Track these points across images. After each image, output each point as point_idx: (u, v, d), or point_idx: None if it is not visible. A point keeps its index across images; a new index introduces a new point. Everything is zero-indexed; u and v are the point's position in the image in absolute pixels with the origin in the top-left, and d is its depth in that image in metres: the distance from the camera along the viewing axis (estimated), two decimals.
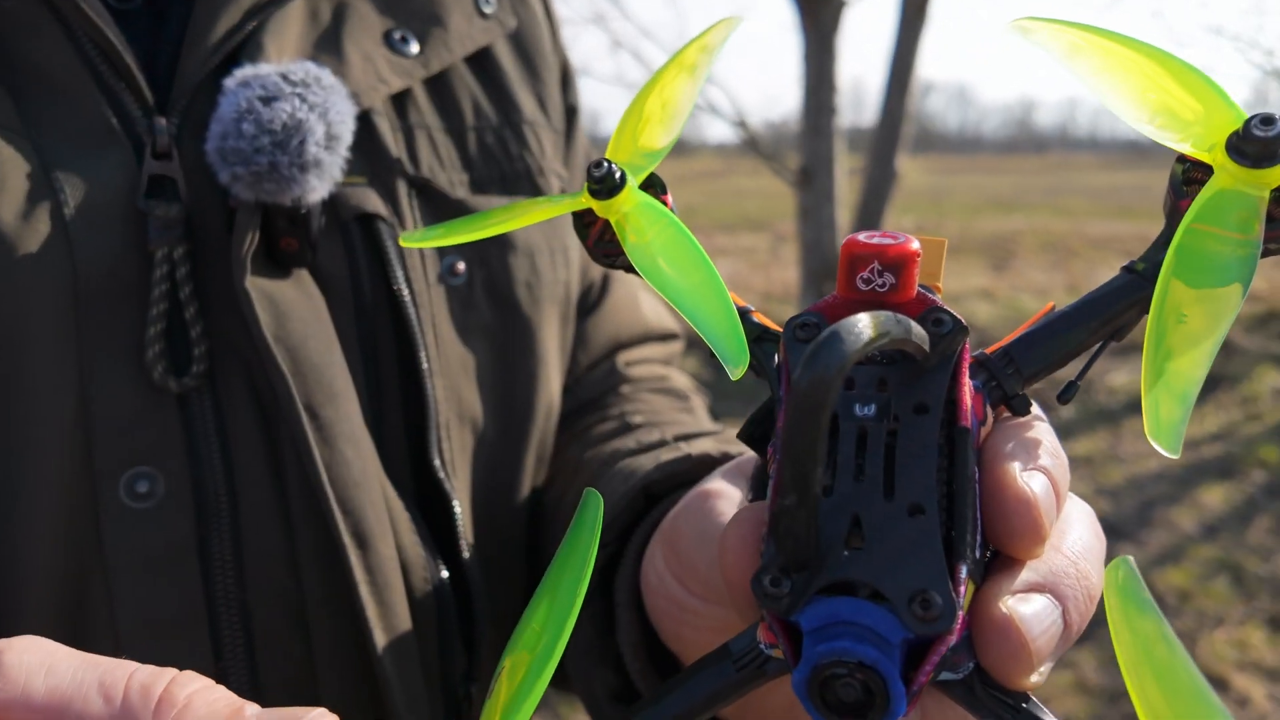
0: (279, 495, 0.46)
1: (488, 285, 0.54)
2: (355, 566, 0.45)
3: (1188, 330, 0.26)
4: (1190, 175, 0.29)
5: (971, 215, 12.44)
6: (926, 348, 0.26)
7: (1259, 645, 2.68)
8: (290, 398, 0.44)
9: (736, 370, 0.29)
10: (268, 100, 0.44)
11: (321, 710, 0.26)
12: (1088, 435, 4.40)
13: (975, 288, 7.05)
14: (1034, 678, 0.27)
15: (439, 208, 0.53)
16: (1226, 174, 0.27)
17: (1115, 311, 0.29)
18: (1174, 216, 0.29)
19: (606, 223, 0.34)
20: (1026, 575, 0.28)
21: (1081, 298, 0.30)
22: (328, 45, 0.51)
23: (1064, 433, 4.51)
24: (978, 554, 0.27)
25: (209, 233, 0.46)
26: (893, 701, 0.24)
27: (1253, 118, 0.27)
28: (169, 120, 0.46)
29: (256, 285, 0.45)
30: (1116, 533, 3.37)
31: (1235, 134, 0.27)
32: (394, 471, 0.50)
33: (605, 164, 0.33)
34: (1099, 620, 0.28)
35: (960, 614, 0.25)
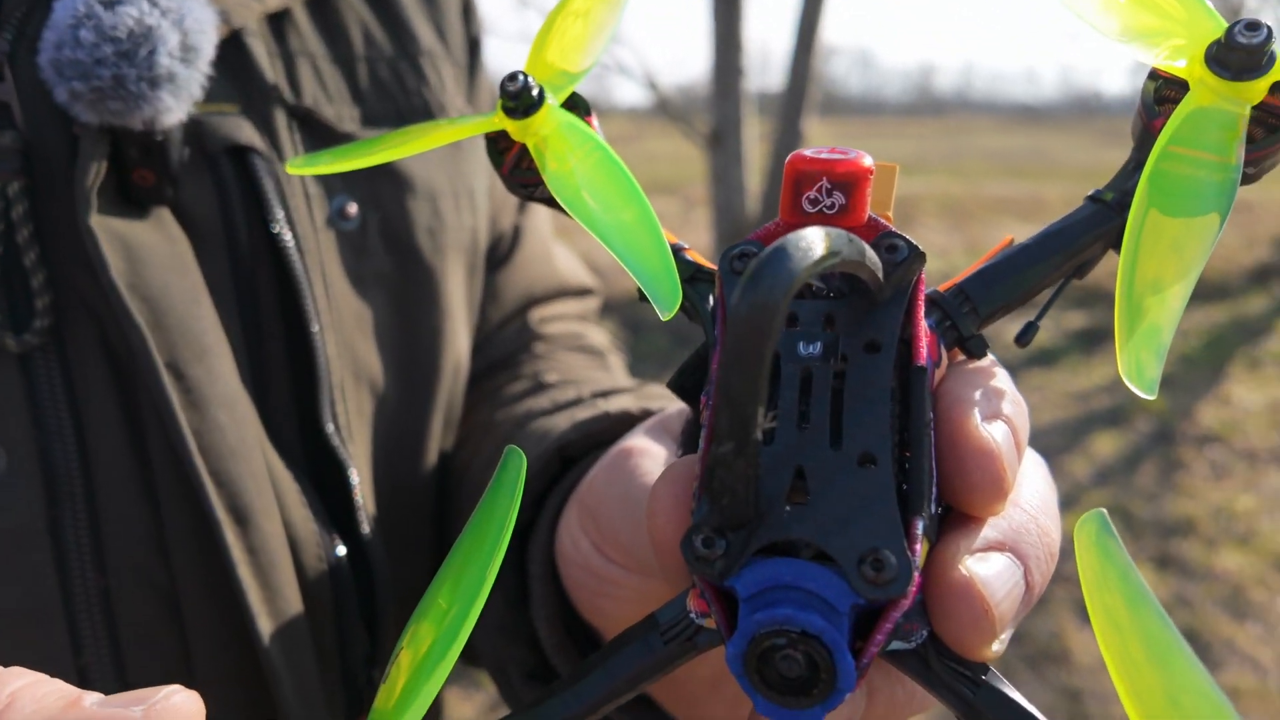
0: (141, 468, 0.40)
1: (384, 230, 0.49)
2: (232, 546, 0.40)
3: (1163, 265, 0.23)
4: (1163, 93, 0.26)
5: None
6: (881, 276, 0.23)
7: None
8: (148, 355, 0.38)
9: (667, 311, 0.26)
10: (111, 4, 0.38)
11: (178, 689, 0.23)
12: None
13: None
14: (995, 646, 0.24)
15: (325, 142, 0.47)
16: (1205, 89, 0.24)
17: (1081, 245, 0.26)
18: (1145, 139, 0.26)
19: (523, 148, 0.30)
20: (986, 533, 0.25)
21: (1044, 230, 0.27)
22: None
23: None
24: (933, 509, 0.24)
25: (51, 165, 0.40)
26: (840, 676, 0.21)
27: (1236, 23, 0.24)
28: (0, 35, 0.39)
29: (104, 224, 0.39)
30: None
31: (1216, 43, 0.24)
32: (280, 439, 0.44)
33: (521, 77, 0.29)
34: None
35: (916, 576, 0.22)
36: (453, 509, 0.53)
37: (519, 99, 0.29)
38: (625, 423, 0.43)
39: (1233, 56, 0.24)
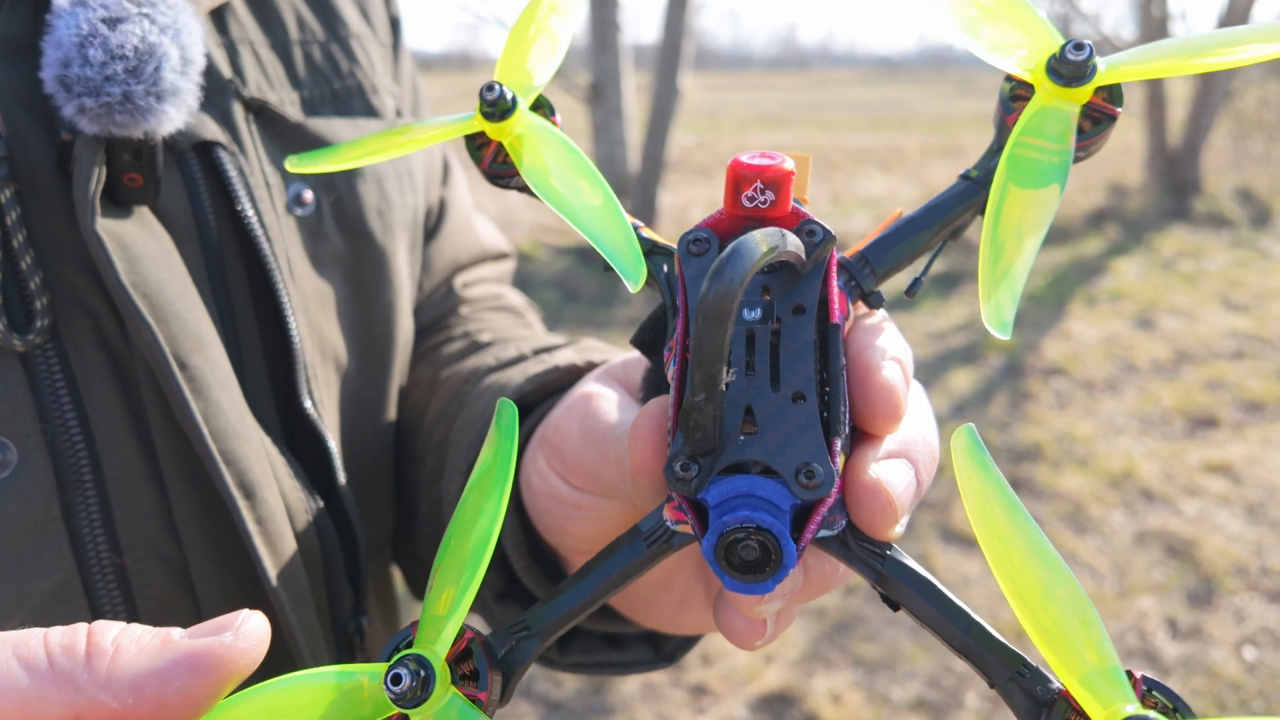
0: (145, 453, 0.42)
1: (338, 214, 0.51)
2: (247, 519, 0.42)
3: (1018, 227, 0.29)
4: (1016, 93, 0.32)
5: (743, 131, 12.78)
6: (804, 256, 0.29)
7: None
8: (158, 348, 0.40)
9: (635, 284, 0.30)
10: (112, 22, 0.39)
11: (250, 613, 0.25)
12: None
13: None
14: (897, 529, 0.30)
15: (278, 132, 0.48)
16: (1045, 92, 0.30)
17: (955, 214, 0.32)
18: (1003, 129, 0.32)
19: (500, 145, 0.34)
20: (887, 445, 0.31)
21: (925, 204, 0.33)
22: None
23: None
24: (847, 430, 0.30)
25: (36, 170, 0.40)
26: (785, 557, 0.27)
27: (1067, 43, 0.30)
28: None
29: (106, 228, 0.40)
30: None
31: (1053, 57, 0.30)
32: (262, 415, 0.47)
33: (497, 87, 0.33)
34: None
35: (837, 480, 0.28)
36: (405, 458, 0.56)
37: (495, 105, 0.33)
38: (572, 374, 0.48)
39: (1065, 69, 0.30)
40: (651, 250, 0.33)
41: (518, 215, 6.44)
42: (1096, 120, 0.31)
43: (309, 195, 0.49)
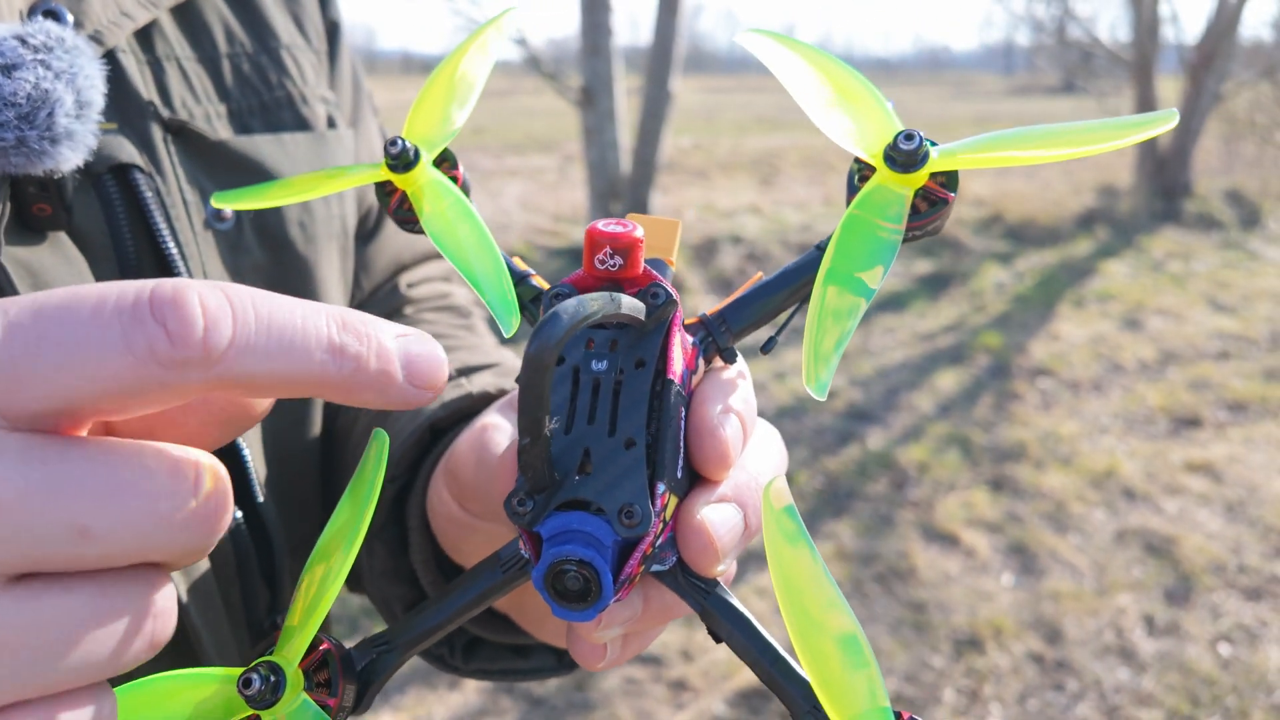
0: None
1: (258, 227, 0.52)
2: None
3: (843, 295, 0.31)
4: (863, 174, 0.34)
5: (740, 133, 12.80)
6: (642, 317, 0.31)
7: (982, 504, 3.04)
8: None
9: (507, 331, 0.33)
10: (7, 69, 0.40)
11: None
12: None
13: (745, 204, 7.31)
14: (721, 567, 0.32)
15: (199, 151, 0.50)
16: (882, 173, 0.32)
17: (804, 281, 0.35)
18: (848, 204, 0.35)
19: (404, 194, 0.37)
20: (720, 489, 0.33)
21: (780, 270, 0.36)
22: None
23: None
24: (679, 475, 0.32)
25: None
26: (604, 589, 0.29)
27: (899, 134, 0.32)
28: None
29: (11, 255, 0.41)
30: (867, 417, 3.67)
31: (889, 144, 0.32)
32: None
33: (400, 142, 0.36)
34: (858, 496, 0.34)
35: (656, 520, 0.30)
36: (336, 465, 0.58)
37: (399, 159, 0.36)
38: (485, 400, 0.50)
39: (898, 155, 0.32)
40: (537, 298, 0.36)
41: (512, 218, 6.46)
42: (933, 202, 0.33)
43: (228, 212, 0.50)
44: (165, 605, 0.25)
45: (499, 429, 0.42)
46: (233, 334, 0.23)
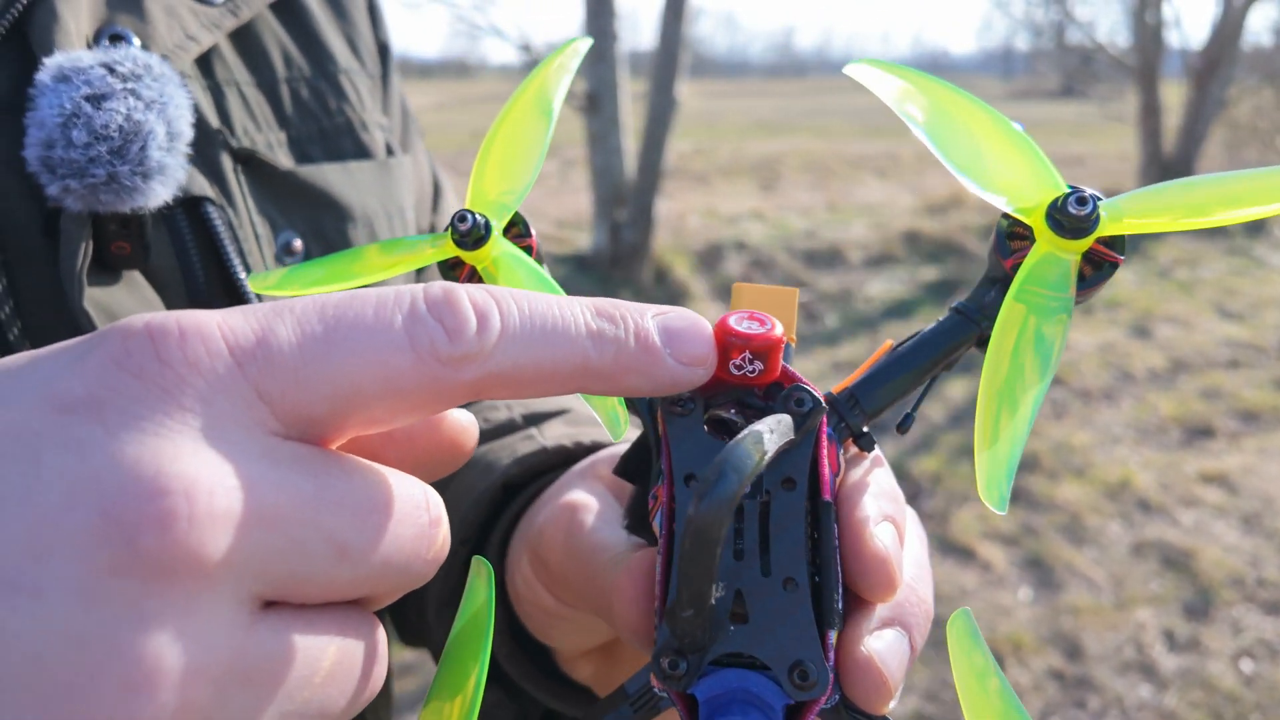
0: None
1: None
2: None
3: (1019, 382, 0.28)
4: (1013, 230, 0.31)
5: (741, 138, 12.79)
6: (795, 437, 0.28)
7: (997, 517, 3.01)
8: None
9: (616, 434, 0.30)
10: (96, 100, 0.38)
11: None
12: (850, 340, 4.70)
13: (747, 209, 7.29)
14: (892, 704, 0.29)
15: (267, 181, 0.47)
16: (1045, 239, 0.29)
17: (948, 351, 0.32)
18: (996, 267, 0.31)
19: (473, 269, 0.33)
20: (880, 612, 0.30)
21: (917, 338, 0.32)
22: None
23: (830, 340, 4.83)
24: (840, 607, 0.29)
25: (23, 236, 0.39)
26: None
27: (1070, 194, 0.29)
28: None
29: (92, 299, 0.39)
30: (878, 427, 3.64)
31: (1054, 206, 0.29)
32: None
33: (470, 217, 0.32)
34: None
35: (831, 678, 0.27)
36: None
37: (469, 235, 0.32)
38: (560, 456, 0.47)
39: (1066, 220, 0.29)
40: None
41: (540, 206, 6.42)
42: (1098, 265, 0.30)
43: (298, 244, 0.48)
44: (384, 648, 0.24)
45: (587, 509, 0.39)
46: (501, 326, 0.23)
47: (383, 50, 0.58)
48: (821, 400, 0.29)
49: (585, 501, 0.39)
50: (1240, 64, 7.75)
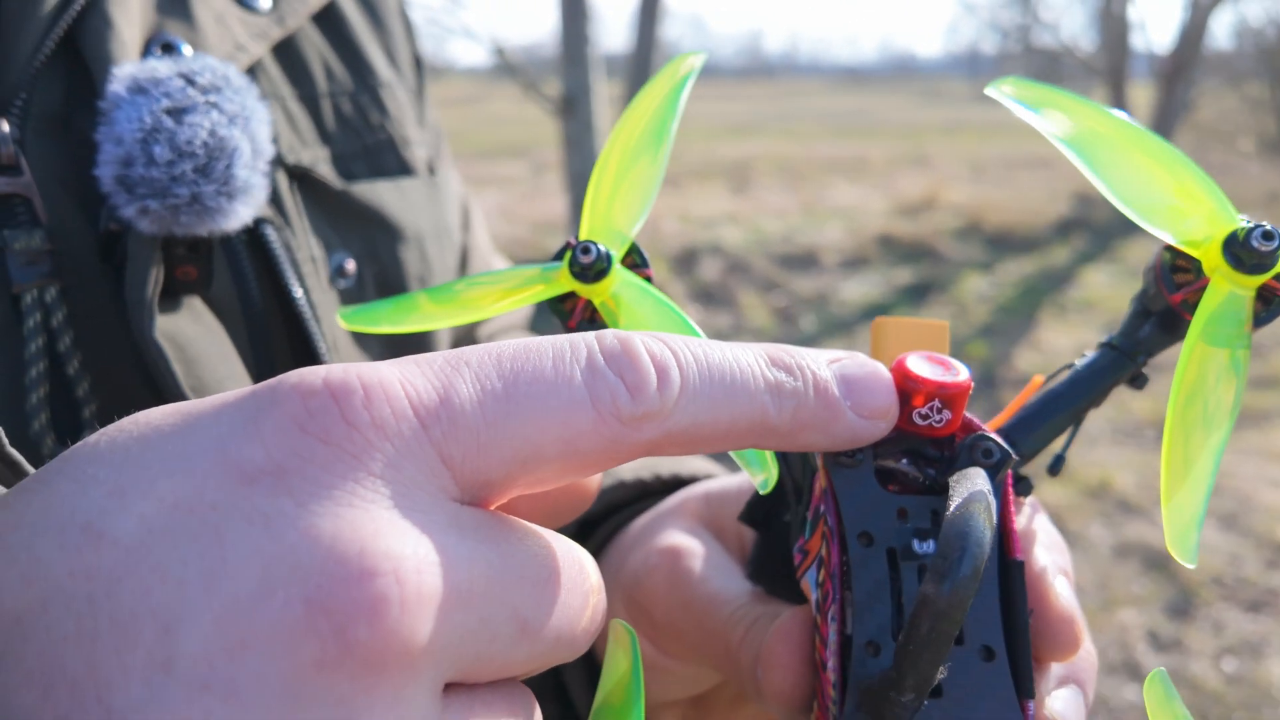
0: None
1: (380, 283, 0.47)
2: None
3: (1202, 428, 0.27)
4: (1176, 264, 0.29)
5: (712, 140, 12.82)
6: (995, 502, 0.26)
7: None
8: None
9: (767, 484, 0.28)
10: (178, 113, 0.35)
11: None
12: (827, 343, 4.71)
13: (721, 212, 7.29)
14: None
15: (320, 199, 0.44)
16: (1220, 275, 0.28)
17: (1104, 389, 0.31)
18: (1158, 302, 0.30)
19: (588, 302, 0.31)
20: (1055, 670, 0.29)
21: (1071, 376, 0.31)
22: (173, 6, 0.40)
23: (808, 343, 4.84)
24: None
25: (80, 263, 0.36)
26: None
27: (1255, 229, 0.27)
28: (7, 120, 0.35)
29: (163, 330, 0.36)
30: None
31: (1234, 240, 0.27)
32: None
33: (593, 249, 0.30)
34: None
35: None
36: None
37: (591, 269, 0.30)
38: (638, 490, 0.44)
39: (1248, 255, 0.27)
40: None
41: (495, 229, 6.39)
42: (1267, 301, 0.28)
43: (351, 266, 0.45)
44: None
45: (693, 555, 0.36)
46: (681, 381, 0.21)
47: (418, 62, 0.56)
48: (1010, 451, 0.27)
49: (689, 546, 0.37)
50: (1204, 67, 7.87)
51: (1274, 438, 3.61)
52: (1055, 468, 0.31)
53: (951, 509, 0.22)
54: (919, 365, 0.27)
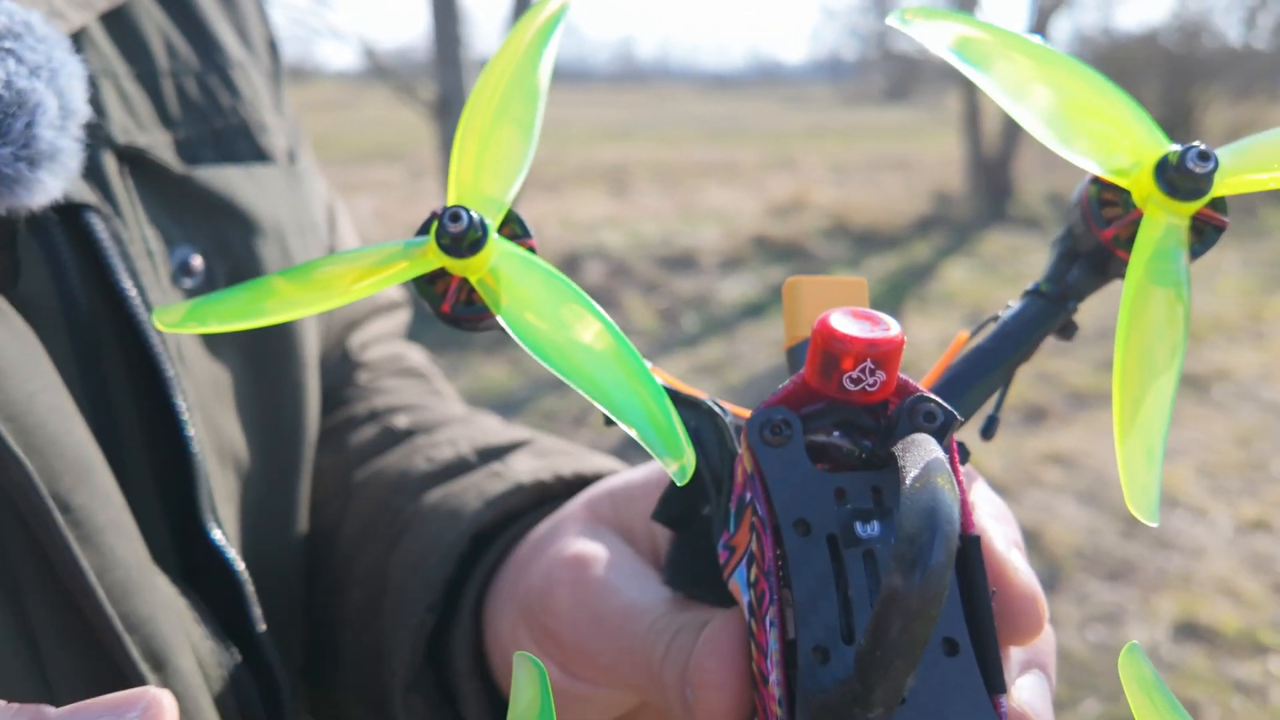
0: (15, 623, 0.31)
1: (234, 280, 0.41)
2: None
3: (1153, 369, 0.24)
4: (1104, 198, 0.27)
5: (590, 145, 12.80)
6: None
7: None
8: (32, 488, 0.29)
9: (684, 475, 0.23)
10: None
11: (154, 692, 0.20)
12: (709, 344, 4.75)
13: (601, 215, 7.28)
14: None
15: (158, 186, 0.38)
16: (1153, 204, 0.25)
17: (1034, 341, 0.28)
18: (1086, 238, 0.27)
19: (464, 282, 0.26)
20: (1016, 655, 0.26)
21: (998, 330, 0.28)
22: None
23: (690, 343, 4.87)
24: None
25: None
26: None
27: (1189, 149, 0.25)
28: None
29: None
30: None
31: (1167, 164, 0.25)
32: (158, 550, 0.36)
33: (464, 215, 0.25)
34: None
35: None
36: (320, 585, 0.45)
37: (463, 239, 0.25)
38: (539, 493, 0.39)
39: (1182, 180, 0.25)
40: (675, 404, 0.26)
41: (370, 234, 6.19)
42: (1200, 231, 0.26)
43: (198, 261, 0.39)
44: None
45: (600, 563, 0.32)
46: None
47: (273, 46, 0.50)
48: (955, 412, 0.24)
49: (595, 553, 0.32)
50: None
51: None
52: (989, 430, 0.29)
53: (908, 483, 0.19)
54: (844, 322, 0.23)
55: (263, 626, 0.39)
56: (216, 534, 0.37)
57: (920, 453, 0.20)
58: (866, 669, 0.19)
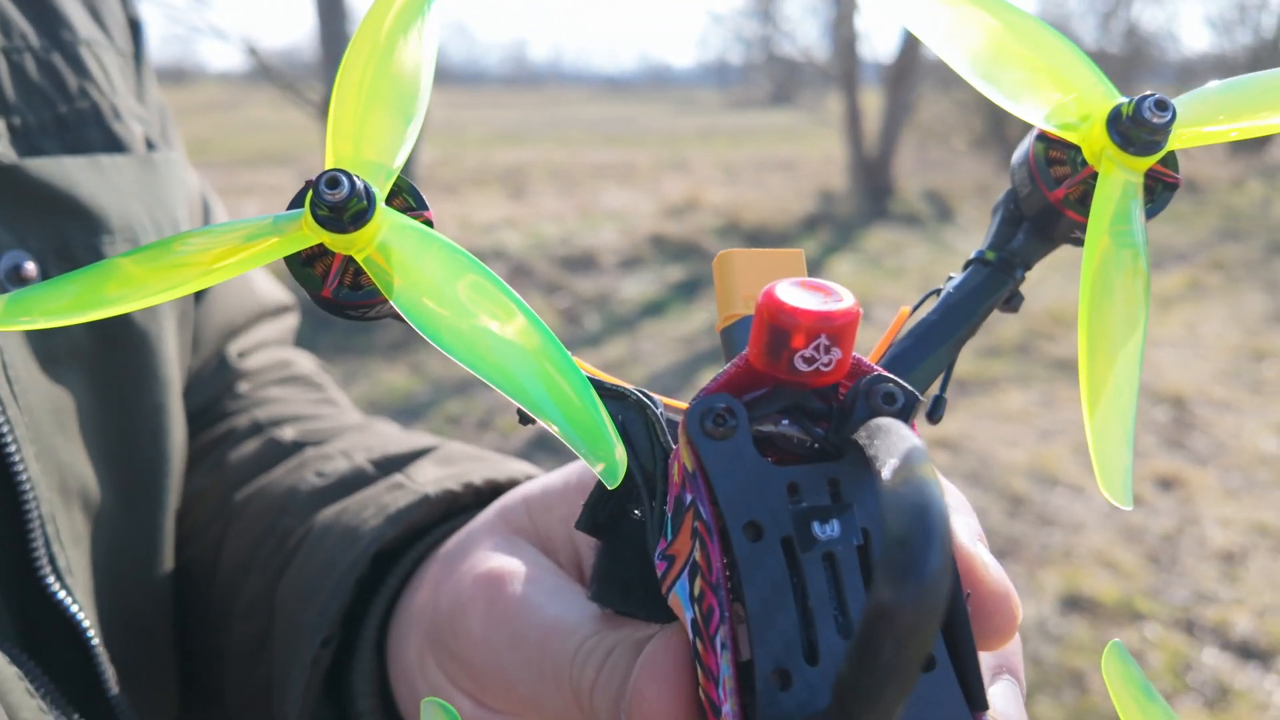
0: None
1: None
2: None
3: (1116, 338, 0.22)
4: (1051, 155, 0.25)
5: (486, 147, 12.63)
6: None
7: None
8: None
9: (614, 478, 0.20)
10: None
11: None
12: (611, 343, 4.73)
13: (500, 217, 7.18)
14: None
15: None
16: (1108, 160, 0.23)
17: (983, 312, 0.26)
18: (1035, 199, 0.25)
19: (348, 262, 0.22)
20: (986, 660, 0.23)
21: (942, 304, 0.26)
22: None
23: (593, 342, 4.83)
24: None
25: None
26: None
27: (1145, 98, 0.22)
28: None
29: None
30: None
31: (1119, 116, 0.23)
32: None
33: (344, 180, 0.20)
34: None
35: None
36: (196, 621, 0.40)
37: (344, 209, 0.20)
38: (446, 503, 0.35)
39: (1138, 131, 0.23)
40: (600, 397, 0.22)
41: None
42: (1151, 190, 0.24)
43: (31, 268, 0.34)
44: None
45: (517, 579, 0.28)
46: None
47: (134, 26, 0.45)
48: (916, 393, 0.21)
49: (511, 568, 0.29)
50: (922, 73, 8.58)
51: (1003, 402, 3.96)
52: (936, 412, 0.26)
53: (888, 476, 0.16)
54: (793, 294, 0.20)
55: (115, 689, 0.34)
56: (52, 583, 0.32)
57: (893, 440, 0.17)
58: (850, 699, 0.16)
